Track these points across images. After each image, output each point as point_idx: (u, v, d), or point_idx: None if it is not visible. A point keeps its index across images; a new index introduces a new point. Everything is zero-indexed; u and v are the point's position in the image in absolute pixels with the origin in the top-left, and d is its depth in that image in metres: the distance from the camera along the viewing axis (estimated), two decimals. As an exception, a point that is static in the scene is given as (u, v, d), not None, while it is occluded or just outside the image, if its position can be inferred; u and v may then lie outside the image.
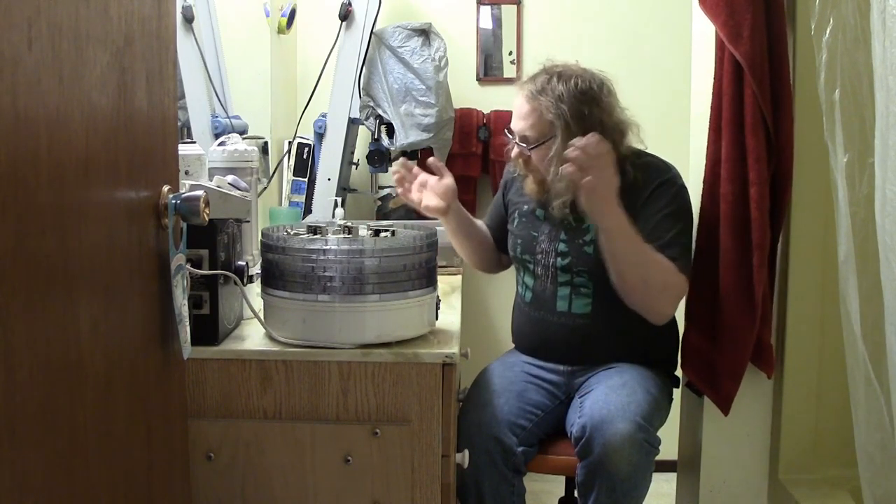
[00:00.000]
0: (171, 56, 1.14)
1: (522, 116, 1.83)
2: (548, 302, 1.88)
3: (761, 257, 1.78)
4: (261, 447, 1.43)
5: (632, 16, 2.82)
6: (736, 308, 1.82)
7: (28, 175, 0.75)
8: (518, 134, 1.85)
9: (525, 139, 1.84)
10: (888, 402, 1.39)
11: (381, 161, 2.61)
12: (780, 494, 1.96)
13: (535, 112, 1.80)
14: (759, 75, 1.76)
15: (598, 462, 1.64)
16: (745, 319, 1.81)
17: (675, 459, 2.22)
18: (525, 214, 1.96)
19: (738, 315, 1.82)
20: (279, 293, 1.45)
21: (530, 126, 1.82)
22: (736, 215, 1.80)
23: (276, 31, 2.60)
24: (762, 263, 1.78)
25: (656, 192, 1.80)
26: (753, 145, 1.77)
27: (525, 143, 1.84)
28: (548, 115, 1.78)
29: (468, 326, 2.35)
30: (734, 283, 1.81)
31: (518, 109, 1.85)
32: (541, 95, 1.79)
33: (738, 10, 1.75)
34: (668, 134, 2.42)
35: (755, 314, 1.80)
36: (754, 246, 1.78)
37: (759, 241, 1.78)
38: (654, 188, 1.80)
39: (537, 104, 1.80)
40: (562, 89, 1.78)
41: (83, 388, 0.88)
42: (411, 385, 1.42)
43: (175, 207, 1.09)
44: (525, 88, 1.84)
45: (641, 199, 1.79)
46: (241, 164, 1.75)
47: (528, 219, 1.95)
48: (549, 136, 1.80)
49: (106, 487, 0.94)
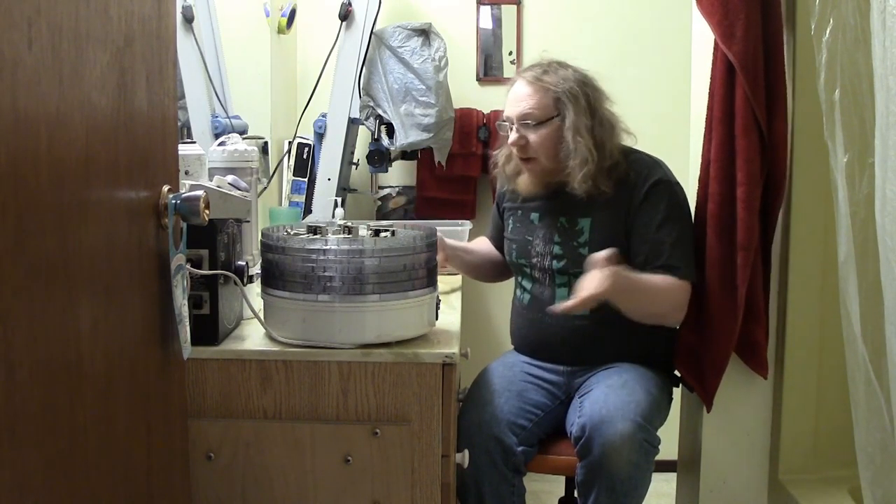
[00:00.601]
0: (171, 56, 1.14)
1: (524, 97, 1.83)
2: (546, 304, 1.88)
3: (745, 258, 1.79)
4: (261, 447, 1.43)
5: (632, 16, 2.82)
6: (718, 306, 1.83)
7: (28, 175, 0.75)
8: (518, 116, 1.84)
9: (527, 117, 1.83)
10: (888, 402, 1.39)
11: (381, 161, 2.61)
12: (780, 494, 1.96)
13: (540, 91, 1.82)
14: (752, 75, 1.76)
15: (598, 462, 1.64)
16: (726, 317, 1.83)
17: (675, 459, 2.22)
18: (519, 219, 1.96)
19: (720, 313, 1.83)
20: (279, 293, 1.45)
21: (534, 105, 1.82)
22: (722, 215, 1.81)
23: (276, 31, 2.60)
24: (746, 264, 1.79)
25: (651, 195, 1.81)
26: (744, 145, 1.77)
27: (527, 121, 1.83)
28: (553, 91, 1.81)
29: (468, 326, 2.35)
30: (717, 281, 1.82)
31: (517, 93, 1.86)
32: (544, 76, 1.83)
33: (732, 10, 1.76)
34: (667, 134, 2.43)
35: (737, 312, 1.81)
36: (738, 246, 1.79)
37: (745, 241, 1.78)
38: (647, 189, 1.81)
39: (541, 84, 1.82)
40: (562, 71, 1.83)
41: (83, 388, 0.88)
42: (411, 385, 1.42)
43: (175, 207, 1.09)
44: (526, 74, 1.86)
45: (636, 200, 1.81)
46: (241, 164, 1.75)
47: (523, 223, 1.95)
48: (555, 114, 1.81)
49: (106, 487, 0.94)
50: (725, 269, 1.81)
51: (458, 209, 2.80)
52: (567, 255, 1.85)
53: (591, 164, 1.78)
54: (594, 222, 1.84)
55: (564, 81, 1.81)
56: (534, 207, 1.94)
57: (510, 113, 1.86)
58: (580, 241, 1.84)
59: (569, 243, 1.86)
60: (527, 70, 1.87)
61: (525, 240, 1.93)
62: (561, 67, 1.84)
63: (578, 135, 1.79)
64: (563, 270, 1.86)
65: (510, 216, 2.00)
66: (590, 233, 1.84)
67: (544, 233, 1.90)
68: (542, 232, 1.90)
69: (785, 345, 1.96)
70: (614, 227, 1.83)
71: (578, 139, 1.78)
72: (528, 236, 1.93)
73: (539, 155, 1.84)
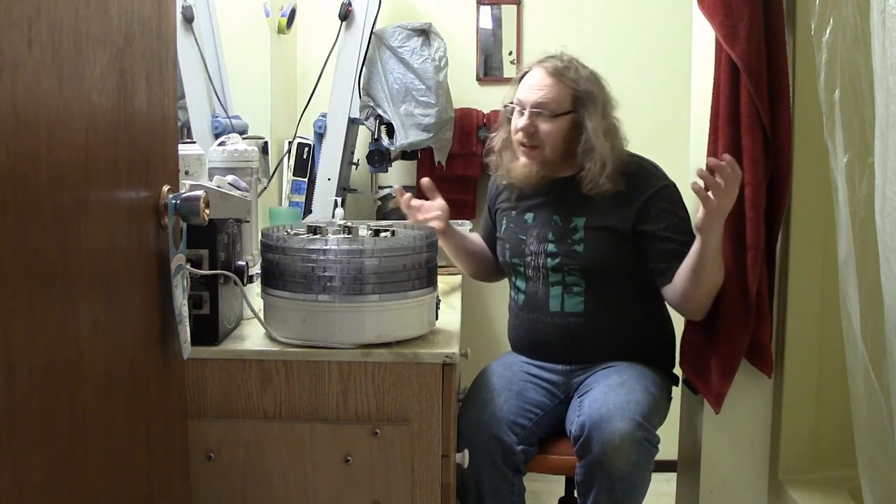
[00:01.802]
0: (171, 56, 1.14)
1: (543, 87, 1.83)
2: (540, 303, 1.88)
3: (755, 257, 1.78)
4: (261, 447, 1.43)
5: (632, 16, 2.81)
6: (730, 308, 1.82)
7: (28, 175, 0.75)
8: (534, 103, 1.83)
9: (543, 107, 1.83)
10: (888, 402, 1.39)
11: (381, 161, 2.61)
12: (780, 494, 1.96)
13: (560, 84, 1.83)
14: (756, 76, 1.76)
15: (598, 461, 1.64)
16: (739, 319, 1.81)
17: (675, 459, 2.22)
18: (513, 219, 1.97)
19: (732, 314, 1.82)
20: (279, 293, 1.45)
21: (553, 96, 1.82)
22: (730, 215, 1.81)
23: (276, 31, 2.60)
24: (756, 263, 1.78)
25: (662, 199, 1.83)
26: (750, 146, 1.77)
27: (541, 111, 1.83)
28: (575, 87, 1.82)
29: (468, 326, 2.35)
30: (727, 282, 1.81)
31: (535, 80, 1.85)
32: (567, 71, 1.83)
33: (734, 11, 1.75)
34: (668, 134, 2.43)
35: (749, 314, 1.80)
36: (748, 246, 1.78)
37: (753, 241, 1.78)
38: (654, 193, 1.83)
39: (561, 78, 1.83)
40: (584, 72, 1.85)
41: (83, 388, 0.88)
42: (411, 385, 1.42)
43: (175, 207, 1.09)
44: (546, 64, 1.85)
45: (639, 204, 1.82)
46: (241, 164, 1.75)
47: (516, 223, 1.95)
48: (570, 110, 1.83)
49: (106, 487, 0.94)
50: (734, 269, 1.80)
51: (458, 209, 2.79)
52: (561, 254, 1.86)
53: (611, 165, 1.80)
54: (589, 221, 1.85)
55: (586, 82, 1.83)
56: (528, 207, 1.94)
57: (525, 97, 1.85)
58: (575, 239, 1.85)
59: (563, 242, 1.86)
60: (547, 60, 1.87)
61: (518, 239, 1.93)
62: (581, 67, 1.86)
63: (598, 136, 1.80)
64: (557, 269, 1.86)
65: (503, 216, 2.00)
66: (584, 231, 1.84)
67: (538, 231, 1.90)
68: (536, 231, 1.91)
69: (785, 345, 1.96)
70: (610, 227, 1.83)
71: (600, 140, 1.80)
72: (521, 235, 1.93)
73: (545, 145, 1.85)
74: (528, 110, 1.84)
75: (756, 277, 1.78)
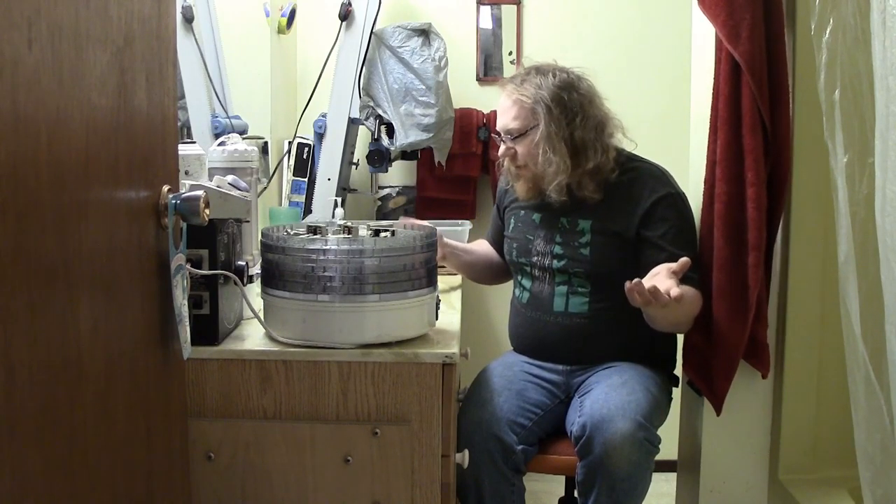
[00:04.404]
0: (171, 56, 1.14)
1: (505, 111, 1.88)
2: (545, 302, 1.89)
3: (757, 258, 1.78)
4: (261, 447, 1.43)
5: (632, 16, 2.82)
6: (728, 309, 1.82)
7: (28, 175, 0.75)
8: (503, 129, 1.89)
9: (510, 132, 1.87)
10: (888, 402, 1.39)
11: (381, 161, 2.61)
12: (780, 494, 1.96)
13: (517, 103, 1.85)
14: (758, 75, 1.76)
15: (599, 461, 1.64)
16: (737, 320, 1.81)
17: (675, 459, 2.22)
18: (521, 219, 1.97)
19: (731, 315, 1.82)
20: (279, 293, 1.45)
21: (513, 117, 1.86)
22: (731, 215, 1.80)
23: (276, 31, 2.60)
24: (757, 264, 1.78)
25: (662, 208, 1.82)
26: (752, 145, 1.77)
27: (510, 135, 1.87)
28: (528, 103, 1.83)
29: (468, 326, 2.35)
30: (727, 283, 1.81)
31: (501, 107, 1.91)
32: (521, 87, 1.85)
33: (736, 11, 1.75)
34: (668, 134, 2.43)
35: (748, 315, 1.80)
36: (750, 247, 1.78)
37: (756, 241, 1.78)
38: (656, 200, 1.83)
39: (518, 96, 1.85)
40: (540, 80, 1.85)
41: (83, 388, 0.88)
42: (411, 385, 1.42)
43: (175, 207, 1.09)
44: (507, 86, 1.89)
45: (642, 210, 1.82)
46: (241, 164, 1.75)
47: (524, 222, 1.96)
48: (533, 125, 1.84)
49: (106, 487, 0.94)
50: (734, 270, 1.80)
51: (458, 209, 2.80)
52: (568, 255, 1.86)
53: (564, 174, 1.81)
54: (595, 224, 1.85)
55: (539, 90, 1.83)
56: (537, 207, 1.94)
57: (498, 126, 1.92)
58: (581, 242, 1.85)
59: (570, 244, 1.86)
60: (508, 81, 1.91)
61: (526, 238, 1.94)
62: (539, 75, 1.85)
63: (549, 145, 1.82)
64: (564, 270, 1.87)
65: (512, 215, 2.01)
66: (591, 234, 1.85)
67: (545, 232, 1.91)
68: (544, 232, 1.91)
69: (785, 345, 1.96)
70: (616, 231, 1.84)
71: (548, 150, 1.82)
72: (528, 235, 1.93)
73: (528, 163, 1.88)
74: (503, 136, 1.89)
75: (758, 278, 1.78)
